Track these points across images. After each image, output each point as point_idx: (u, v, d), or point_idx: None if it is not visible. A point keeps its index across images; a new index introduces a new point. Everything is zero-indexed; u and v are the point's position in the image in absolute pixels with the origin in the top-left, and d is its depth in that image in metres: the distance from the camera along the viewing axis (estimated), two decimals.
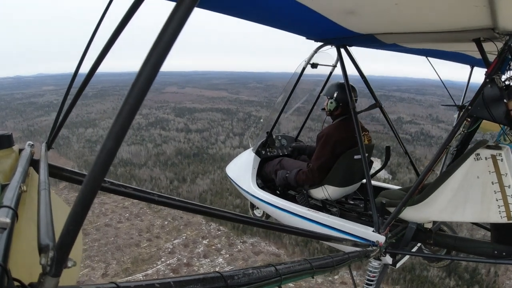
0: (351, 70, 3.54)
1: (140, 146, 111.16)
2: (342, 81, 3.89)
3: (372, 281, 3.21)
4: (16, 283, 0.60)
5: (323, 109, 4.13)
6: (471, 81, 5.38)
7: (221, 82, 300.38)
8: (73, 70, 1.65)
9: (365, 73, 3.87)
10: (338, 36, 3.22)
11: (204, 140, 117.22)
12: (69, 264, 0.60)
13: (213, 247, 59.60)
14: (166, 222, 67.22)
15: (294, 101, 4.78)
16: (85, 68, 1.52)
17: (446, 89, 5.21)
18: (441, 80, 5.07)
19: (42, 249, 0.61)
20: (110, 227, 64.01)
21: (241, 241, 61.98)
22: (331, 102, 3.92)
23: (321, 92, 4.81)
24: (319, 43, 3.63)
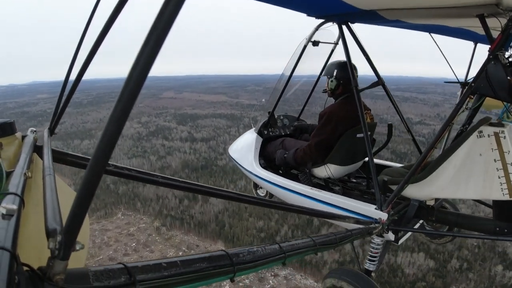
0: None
1: (142, 158, 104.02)
2: (341, 60, 3.86)
3: (374, 257, 3.27)
4: (25, 268, 0.61)
5: (324, 90, 4.10)
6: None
7: (218, 86, 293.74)
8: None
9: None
10: (340, 13, 3.17)
11: (212, 150, 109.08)
12: (77, 247, 0.62)
13: (241, 284, 50.82)
14: (180, 253, 57.94)
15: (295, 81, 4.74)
16: (83, 54, 1.51)
17: (450, 66, 5.14)
18: (444, 57, 4.99)
19: (49, 234, 0.61)
20: (115, 262, 58.01)
21: (272, 274, 54.21)
22: (332, 81, 3.89)
23: (321, 73, 4.78)
24: (320, 20, 3.57)
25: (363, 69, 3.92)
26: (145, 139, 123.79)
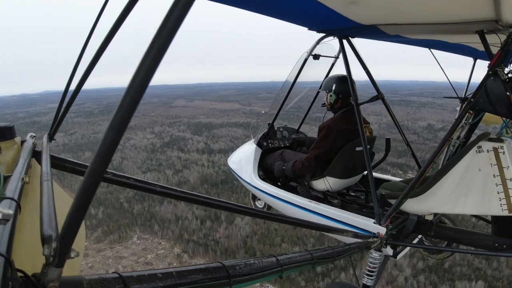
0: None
1: (157, 173, 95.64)
2: (339, 74, 3.89)
3: (372, 272, 3.24)
4: (19, 274, 0.60)
5: (324, 104, 4.12)
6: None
7: (229, 93, 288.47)
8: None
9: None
10: (341, 27, 3.20)
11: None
12: (72, 254, 0.61)
13: None
14: None
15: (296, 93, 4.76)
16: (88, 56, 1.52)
17: (449, 81, 5.18)
18: (443, 72, 5.03)
19: (45, 240, 0.61)
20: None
21: None
22: (331, 95, 3.91)
23: (320, 88, 4.80)
24: (321, 34, 3.60)
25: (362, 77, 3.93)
26: (159, 151, 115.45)
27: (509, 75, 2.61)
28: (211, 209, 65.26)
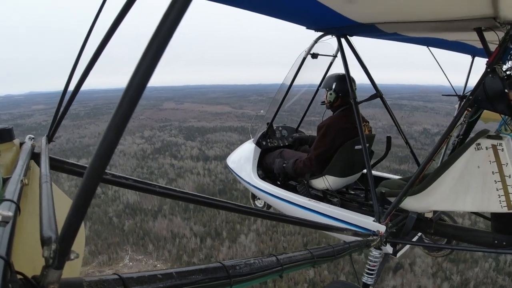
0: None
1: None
2: (340, 72, 3.89)
3: (372, 270, 3.24)
4: (19, 276, 0.60)
5: (323, 102, 4.12)
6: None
7: (219, 96, 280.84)
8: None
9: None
10: (339, 26, 3.20)
11: (228, 170, 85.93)
12: (72, 256, 0.61)
13: None
14: None
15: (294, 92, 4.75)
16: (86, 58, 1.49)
17: (447, 78, 5.17)
18: (442, 71, 5.03)
19: (44, 242, 0.61)
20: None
21: None
22: (330, 94, 3.93)
23: (319, 86, 4.81)
24: (320, 33, 3.60)
25: (361, 79, 3.92)
26: (150, 158, 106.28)
27: (507, 72, 2.61)
28: (210, 222, 63.79)
